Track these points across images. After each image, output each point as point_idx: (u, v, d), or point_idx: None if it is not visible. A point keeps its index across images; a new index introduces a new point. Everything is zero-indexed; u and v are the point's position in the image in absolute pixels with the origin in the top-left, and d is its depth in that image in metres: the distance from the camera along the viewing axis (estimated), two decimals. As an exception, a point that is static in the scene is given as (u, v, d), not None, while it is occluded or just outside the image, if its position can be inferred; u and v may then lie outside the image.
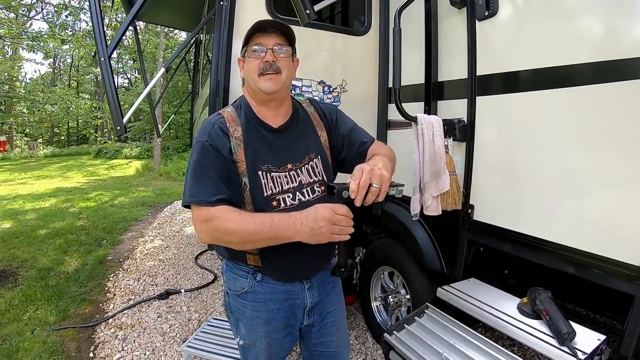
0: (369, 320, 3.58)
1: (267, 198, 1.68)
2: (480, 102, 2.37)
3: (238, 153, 1.65)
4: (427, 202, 2.35)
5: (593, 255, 1.88)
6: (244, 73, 1.77)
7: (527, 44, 2.12)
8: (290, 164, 1.74)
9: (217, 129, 1.66)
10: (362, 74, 3.09)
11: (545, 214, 2.09)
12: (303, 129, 1.84)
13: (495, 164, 2.32)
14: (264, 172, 1.68)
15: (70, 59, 36.47)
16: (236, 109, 1.77)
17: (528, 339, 1.92)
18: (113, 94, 2.93)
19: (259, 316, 1.81)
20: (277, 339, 1.88)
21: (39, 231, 7.24)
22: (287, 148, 1.75)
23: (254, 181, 1.66)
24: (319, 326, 1.97)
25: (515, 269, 2.67)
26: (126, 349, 3.61)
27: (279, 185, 1.70)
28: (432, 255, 2.70)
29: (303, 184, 1.75)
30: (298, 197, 1.73)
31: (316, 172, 1.80)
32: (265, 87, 1.68)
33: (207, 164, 1.62)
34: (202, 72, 5.19)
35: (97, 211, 9.05)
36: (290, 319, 1.88)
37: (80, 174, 17.49)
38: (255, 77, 1.68)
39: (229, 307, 1.92)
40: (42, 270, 5.43)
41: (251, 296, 1.81)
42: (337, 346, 2.07)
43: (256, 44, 1.67)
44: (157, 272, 5.47)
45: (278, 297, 1.82)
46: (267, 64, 1.66)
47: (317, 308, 1.92)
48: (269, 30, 1.67)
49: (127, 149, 23.42)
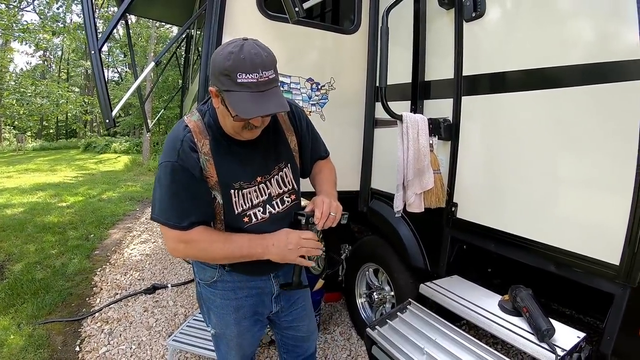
0: (353, 316, 3.62)
1: (238, 215, 1.70)
2: (466, 102, 2.40)
3: (208, 169, 1.62)
4: (410, 199, 2.38)
5: (574, 254, 1.92)
6: (220, 110, 1.58)
7: (513, 46, 2.15)
8: (259, 177, 1.74)
9: (186, 147, 1.58)
10: (350, 73, 3.11)
11: (528, 213, 2.12)
12: (273, 138, 1.80)
13: (479, 163, 2.35)
14: (235, 190, 1.68)
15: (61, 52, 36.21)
16: (203, 118, 1.67)
17: (508, 335, 1.94)
18: (103, 87, 2.93)
19: (229, 304, 1.84)
20: (246, 326, 1.92)
21: (26, 225, 7.19)
22: (257, 160, 1.73)
23: (225, 197, 1.67)
24: (288, 312, 2.03)
25: (497, 267, 2.70)
26: (112, 343, 3.61)
27: (249, 201, 1.71)
28: (416, 253, 2.73)
29: (272, 195, 1.77)
30: (268, 209, 1.76)
31: (286, 182, 1.81)
32: (248, 137, 1.63)
33: (177, 186, 1.59)
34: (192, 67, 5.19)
35: (85, 205, 8.99)
36: (258, 306, 1.92)
37: (69, 168, 17.28)
38: (237, 128, 1.58)
39: (200, 297, 1.96)
40: (29, 264, 5.39)
41: (220, 285, 1.85)
42: (306, 331, 2.15)
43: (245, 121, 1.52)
44: (144, 267, 5.45)
45: (246, 285, 1.87)
46: (252, 125, 1.56)
47: (283, 295, 1.97)
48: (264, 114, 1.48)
49: (116, 144, 23.25)
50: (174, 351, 3.23)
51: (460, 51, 2.41)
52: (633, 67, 1.67)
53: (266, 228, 1.72)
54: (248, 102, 1.42)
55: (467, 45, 2.39)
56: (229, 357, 2.03)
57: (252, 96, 1.42)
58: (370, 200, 3.13)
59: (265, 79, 1.43)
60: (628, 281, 1.75)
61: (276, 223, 1.75)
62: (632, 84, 1.68)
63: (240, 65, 1.40)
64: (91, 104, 8.04)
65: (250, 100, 1.42)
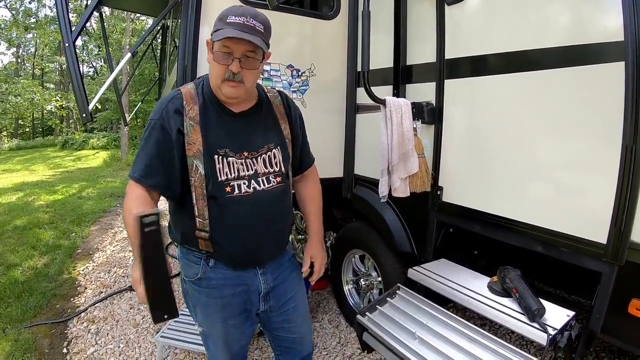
0: (341, 303, 3.61)
1: (221, 183, 1.67)
2: (449, 85, 2.39)
3: (191, 134, 1.63)
4: (395, 184, 2.37)
5: (561, 234, 1.93)
6: (209, 59, 1.67)
7: (494, 28, 2.15)
8: (246, 152, 1.73)
9: (171, 108, 1.64)
10: (331, 58, 3.08)
11: (513, 194, 2.13)
12: (264, 119, 1.82)
13: (463, 146, 2.35)
14: (220, 157, 1.67)
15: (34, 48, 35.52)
16: (197, 87, 1.74)
17: (499, 316, 1.96)
18: (78, 81, 2.87)
19: (214, 302, 1.81)
20: (234, 324, 1.89)
21: (5, 227, 7.05)
22: (245, 135, 1.74)
23: (209, 165, 1.65)
24: (278, 312, 1.99)
25: (484, 250, 2.71)
26: (100, 343, 3.57)
27: (235, 170, 1.70)
28: (402, 237, 2.73)
29: (259, 173, 1.75)
30: (253, 185, 1.73)
31: (273, 163, 1.79)
32: (227, 93, 1.65)
33: (151, 143, 1.64)
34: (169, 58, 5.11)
35: (65, 204, 8.85)
36: (246, 304, 1.88)
37: (46, 166, 17.02)
38: (218, 80, 1.64)
39: (186, 294, 1.92)
40: (10, 266, 5.29)
41: (205, 282, 1.81)
42: (299, 332, 2.10)
43: (224, 48, 1.58)
44: (127, 264, 5.38)
45: (231, 283, 1.82)
46: (231, 73, 1.60)
47: (272, 294, 1.93)
48: (241, 37, 1.55)
49: (93, 140, 22.93)
50: (163, 347, 3.19)
51: (442, 35, 2.39)
52: (613, 49, 1.68)
53: (248, 204, 1.72)
54: (228, 31, 1.55)
55: (448, 29, 2.38)
56: (218, 356, 2.00)
57: (232, 30, 1.54)
58: (354, 187, 3.12)
59: (251, 25, 1.57)
60: (615, 259, 1.76)
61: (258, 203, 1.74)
62: (612, 65, 1.69)
63: (233, 10, 1.59)
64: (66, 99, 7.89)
65: (231, 32, 1.54)
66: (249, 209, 1.71)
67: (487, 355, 1.88)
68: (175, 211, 1.80)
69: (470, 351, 1.91)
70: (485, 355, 1.88)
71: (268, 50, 1.68)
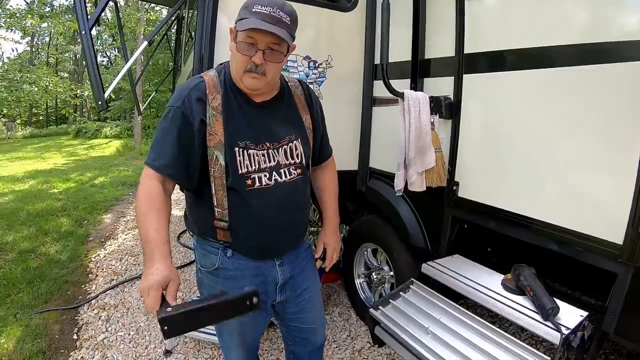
0: (352, 297, 3.61)
1: (242, 176, 1.65)
2: (467, 80, 2.37)
3: (213, 125, 1.61)
4: (411, 178, 2.35)
5: (577, 232, 1.91)
6: (232, 48, 1.64)
7: (514, 24, 2.12)
8: (268, 143, 1.71)
9: (194, 96, 1.61)
10: (348, 50, 3.06)
11: (530, 191, 2.11)
12: (286, 110, 1.80)
13: (480, 142, 2.33)
14: (240, 149, 1.64)
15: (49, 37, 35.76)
16: (219, 74, 1.70)
17: (512, 314, 1.94)
18: (94, 68, 2.88)
19: (231, 293, 1.79)
20: (250, 316, 1.88)
21: (18, 213, 7.11)
22: (267, 126, 1.72)
23: (230, 156, 1.63)
24: (293, 302, 1.98)
25: (498, 247, 2.69)
26: (110, 330, 3.59)
27: (256, 163, 1.67)
28: (417, 232, 2.72)
29: (280, 164, 1.73)
30: (274, 177, 1.71)
31: (294, 155, 1.77)
32: (249, 84, 1.63)
33: (171, 131, 1.60)
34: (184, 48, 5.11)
35: (77, 192, 8.93)
36: (261, 295, 1.87)
37: (59, 154, 17.20)
38: (239, 70, 1.60)
39: (202, 284, 1.91)
40: (22, 252, 5.35)
41: (222, 272, 1.79)
42: (312, 323, 2.09)
43: (248, 39, 1.55)
44: (139, 252, 5.41)
45: (249, 274, 1.80)
46: (253, 65, 1.57)
47: (288, 284, 1.92)
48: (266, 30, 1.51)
49: (107, 129, 23.09)
50: (173, 336, 3.21)
51: (461, 29, 2.37)
52: (634, 47, 1.65)
53: (269, 196, 1.70)
54: (252, 21, 1.50)
55: (468, 23, 2.35)
56: (232, 346, 2.00)
57: (257, 21, 1.50)
58: (369, 180, 3.11)
59: (278, 16, 1.52)
60: (631, 260, 1.74)
61: (279, 195, 1.72)
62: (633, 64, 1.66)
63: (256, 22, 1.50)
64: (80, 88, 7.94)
65: (256, 23, 1.50)
66: (269, 200, 1.70)
67: (500, 352, 1.86)
68: (193, 201, 1.79)
69: (482, 348, 1.90)
70: (498, 352, 1.87)
71: (293, 43, 1.64)
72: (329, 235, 2.11)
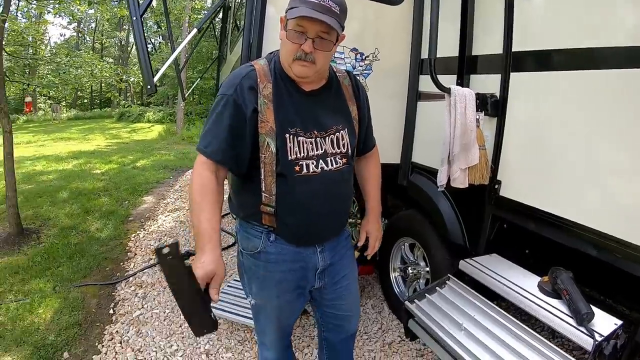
0: (386, 290, 3.62)
1: (290, 162, 1.68)
2: (514, 78, 2.34)
3: (265, 112, 1.64)
4: (454, 174, 2.34)
5: (617, 239, 1.87)
6: (282, 36, 1.67)
7: (565, 23, 2.08)
8: (316, 131, 1.73)
9: (246, 84, 1.65)
10: (394, 44, 3.05)
11: (573, 194, 2.07)
12: (334, 100, 1.82)
13: (525, 141, 2.30)
14: (291, 136, 1.67)
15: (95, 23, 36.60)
16: (269, 63, 1.74)
17: (547, 317, 1.93)
18: (145, 53, 2.96)
19: (271, 277, 1.83)
20: (288, 300, 1.92)
21: (61, 191, 7.35)
22: (315, 114, 1.74)
23: (280, 143, 1.66)
24: (331, 289, 2.00)
25: (536, 249, 2.66)
26: (146, 307, 3.69)
27: (304, 150, 1.70)
28: (456, 229, 2.71)
29: (327, 153, 1.75)
30: (321, 165, 1.73)
31: (340, 145, 1.79)
32: (298, 72, 1.65)
33: (223, 118, 1.64)
34: (229, 37, 5.16)
35: (119, 173, 9.16)
36: (301, 280, 1.90)
37: (103, 136, 17.63)
38: (289, 58, 1.63)
39: (242, 266, 1.94)
40: (64, 229, 5.54)
41: (264, 256, 1.82)
42: (348, 310, 2.12)
43: (298, 27, 1.57)
44: (178, 234, 5.54)
45: (290, 259, 1.83)
46: (302, 52, 1.59)
47: (327, 271, 1.94)
48: (316, 18, 1.53)
49: (149, 113, 23.57)
50: (208, 316, 3.28)
51: (509, 26, 2.33)
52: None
53: (315, 183, 1.73)
54: (303, 10, 1.53)
55: (517, 21, 2.31)
56: (267, 329, 2.04)
57: (307, 9, 1.52)
58: (411, 174, 3.10)
59: (327, 5, 1.54)
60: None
61: (325, 182, 1.75)
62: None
63: (306, 10, 1.52)
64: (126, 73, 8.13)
65: (306, 12, 1.52)
66: (316, 188, 1.72)
67: (532, 354, 1.85)
68: (240, 186, 1.82)
69: (515, 348, 1.89)
70: (530, 354, 1.86)
71: (342, 32, 1.66)
72: (371, 224, 2.14)
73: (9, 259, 4.63)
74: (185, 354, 3.07)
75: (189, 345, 3.16)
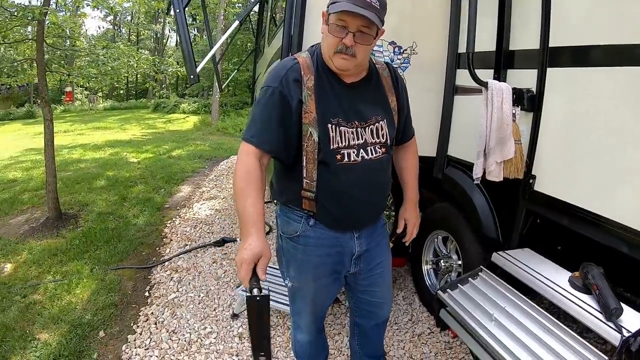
0: (417, 282, 3.66)
1: (332, 151, 1.74)
2: (551, 73, 2.33)
3: (308, 104, 1.70)
4: (490, 167, 2.37)
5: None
6: (323, 30, 1.73)
7: (602, 19, 2.06)
8: (356, 122, 1.79)
9: (291, 76, 1.71)
10: (432, 38, 3.08)
11: (607, 191, 2.06)
12: (374, 91, 1.88)
13: (561, 137, 2.30)
14: (333, 125, 1.73)
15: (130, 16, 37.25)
16: (311, 56, 1.80)
17: (576, 311, 1.94)
18: (188, 45, 3.07)
19: (309, 260, 1.90)
20: (324, 284, 1.99)
21: (98, 179, 7.56)
22: (356, 105, 1.80)
23: (322, 133, 1.72)
24: (366, 275, 2.06)
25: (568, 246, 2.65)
26: (181, 290, 3.81)
27: (346, 140, 1.76)
28: (489, 222, 2.72)
29: (368, 142, 1.81)
30: (361, 154, 1.80)
31: (380, 135, 1.84)
32: (339, 65, 1.70)
33: (270, 109, 1.71)
34: (267, 30, 5.24)
35: (155, 162, 9.36)
36: (337, 265, 1.97)
37: (138, 126, 17.95)
38: (330, 51, 1.69)
39: (281, 250, 2.01)
40: (101, 214, 5.73)
41: (303, 240, 1.90)
42: (382, 297, 2.18)
43: (339, 21, 1.63)
44: (213, 221, 5.64)
45: (328, 243, 1.90)
46: (344, 46, 1.65)
47: (363, 257, 2.00)
48: (357, 12, 1.59)
49: (184, 104, 23.79)
50: (242, 300, 3.37)
51: (547, 22, 2.33)
52: None
53: (356, 171, 1.79)
54: (344, 5, 1.57)
55: (554, 16, 2.30)
56: (303, 311, 2.12)
57: (349, 4, 1.57)
58: (446, 167, 3.13)
59: (368, 0, 1.58)
60: None
61: (365, 171, 1.81)
62: None
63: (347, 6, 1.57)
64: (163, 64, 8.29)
65: (347, 6, 1.57)
66: (356, 175, 1.79)
67: (560, 346, 1.87)
68: (282, 172, 1.90)
69: (544, 340, 1.91)
70: (558, 346, 1.87)
71: (382, 27, 1.71)
72: (409, 211, 2.22)
73: (48, 242, 4.82)
74: (219, 336, 3.17)
75: (223, 328, 3.25)
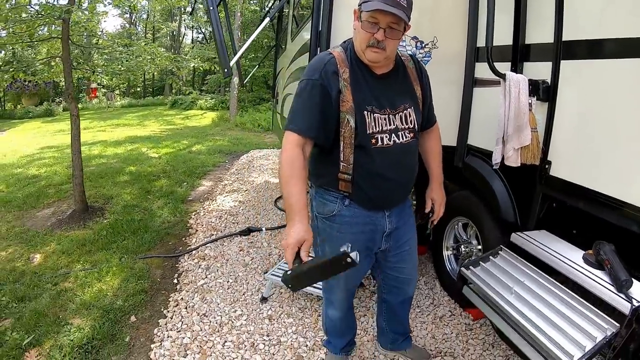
0: (438, 268, 3.80)
1: (368, 135, 1.92)
2: (564, 66, 2.44)
3: (345, 93, 1.88)
4: (508, 153, 2.49)
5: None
6: (356, 26, 1.92)
7: (614, 13, 2.16)
8: (388, 109, 1.97)
9: (329, 69, 1.89)
10: (451, 32, 3.20)
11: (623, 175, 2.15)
12: (401, 81, 2.06)
13: (574, 125, 2.41)
14: (368, 113, 1.92)
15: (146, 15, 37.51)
16: (345, 50, 1.98)
17: (590, 284, 2.05)
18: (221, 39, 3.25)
19: (344, 237, 2.01)
20: None
21: (121, 173, 7.74)
22: (386, 94, 1.98)
23: (359, 120, 1.90)
24: (395, 252, 2.24)
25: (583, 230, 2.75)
26: (209, 277, 3.94)
27: (380, 125, 1.94)
28: (508, 207, 2.84)
29: (398, 128, 1.99)
30: (393, 138, 1.97)
31: (409, 121, 2.03)
32: (370, 57, 1.89)
33: (312, 100, 1.89)
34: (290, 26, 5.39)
35: (176, 157, 9.51)
36: (369, 242, 2.14)
37: (157, 122, 18.12)
38: (363, 45, 1.87)
39: (316, 229, 2.16)
40: (127, 206, 5.88)
41: (338, 219, 2.07)
42: (409, 274, 2.36)
43: (371, 18, 1.80)
44: (237, 212, 5.78)
45: (361, 221, 2.08)
46: (375, 40, 1.83)
47: (393, 234, 2.18)
48: (387, 10, 1.75)
49: (202, 101, 23.93)
50: (271, 284, 3.54)
51: (560, 16, 2.43)
52: None
53: (389, 154, 1.97)
54: (376, 4, 1.74)
55: (567, 11, 2.41)
56: (335, 288, 2.30)
57: (380, 4, 1.74)
58: (466, 156, 3.24)
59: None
60: None
61: (397, 154, 1.99)
62: None
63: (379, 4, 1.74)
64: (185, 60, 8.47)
65: (379, 5, 1.74)
66: (389, 158, 1.98)
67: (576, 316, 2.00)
68: (319, 156, 2.06)
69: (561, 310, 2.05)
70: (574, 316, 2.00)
71: (409, 23, 1.88)
72: (435, 191, 2.39)
73: (76, 233, 5.00)
74: (250, 318, 3.30)
75: (252, 311, 3.39)
